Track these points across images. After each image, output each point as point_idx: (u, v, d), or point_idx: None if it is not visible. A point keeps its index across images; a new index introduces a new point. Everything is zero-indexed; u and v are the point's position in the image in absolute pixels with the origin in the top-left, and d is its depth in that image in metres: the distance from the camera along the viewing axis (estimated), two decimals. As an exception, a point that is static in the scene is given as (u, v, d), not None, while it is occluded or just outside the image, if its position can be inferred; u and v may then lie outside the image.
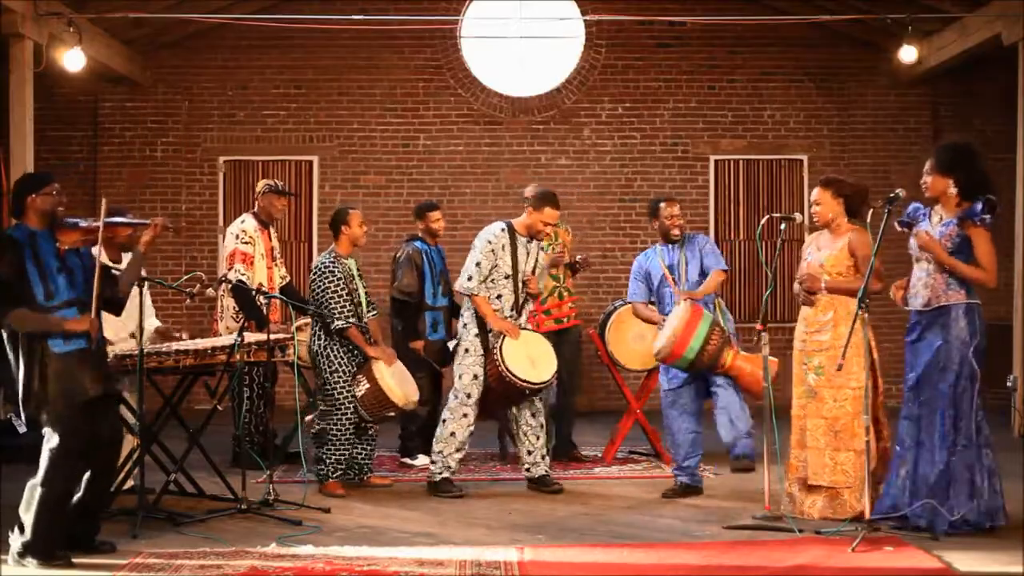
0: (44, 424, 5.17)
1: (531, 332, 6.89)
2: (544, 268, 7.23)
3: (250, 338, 6.35)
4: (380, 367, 6.78)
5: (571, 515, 6.26)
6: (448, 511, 6.38)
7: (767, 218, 6.48)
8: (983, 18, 9.56)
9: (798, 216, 6.52)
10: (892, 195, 5.59)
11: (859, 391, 5.74)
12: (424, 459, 7.66)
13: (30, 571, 5.09)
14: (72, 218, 5.33)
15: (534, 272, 6.94)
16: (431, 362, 7.75)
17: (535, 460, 6.90)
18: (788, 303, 11.09)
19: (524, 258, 6.86)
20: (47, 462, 5.14)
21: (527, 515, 6.27)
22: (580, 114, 11.68)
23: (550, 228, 6.93)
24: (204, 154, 11.58)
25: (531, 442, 6.89)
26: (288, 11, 11.08)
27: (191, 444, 6.40)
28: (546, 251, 7.42)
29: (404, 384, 6.89)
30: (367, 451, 7.07)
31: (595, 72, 11.67)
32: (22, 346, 5.11)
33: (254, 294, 7.23)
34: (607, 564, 5.21)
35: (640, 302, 7.40)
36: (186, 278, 7.13)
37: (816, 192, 6.10)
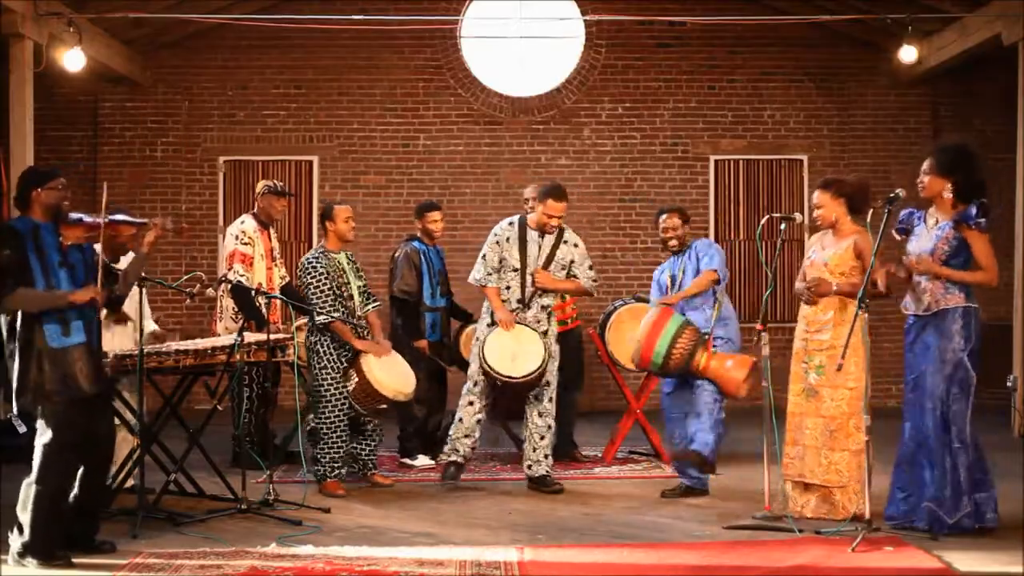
0: (38, 418, 5.17)
1: (527, 329, 6.89)
2: (567, 265, 7.06)
3: (250, 338, 6.36)
4: (368, 360, 6.78)
5: (571, 515, 6.26)
6: (448, 511, 6.38)
7: (767, 218, 6.48)
8: (983, 18, 9.56)
9: (798, 216, 6.52)
10: (892, 195, 5.59)
11: (856, 391, 5.76)
12: (424, 459, 7.67)
13: (30, 571, 5.09)
14: (75, 213, 5.33)
15: (547, 267, 6.93)
16: (437, 360, 7.75)
17: (537, 459, 6.92)
18: (788, 303, 11.10)
19: (535, 252, 6.92)
20: (40, 458, 5.14)
21: (527, 515, 6.27)
22: (580, 114, 11.68)
23: (556, 221, 6.92)
24: (204, 154, 11.58)
25: (535, 441, 6.93)
26: (288, 11, 11.08)
27: (191, 444, 6.40)
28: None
29: (395, 376, 6.87)
30: (371, 447, 7.07)
31: (595, 72, 11.67)
32: (19, 340, 5.10)
33: (253, 294, 7.23)
34: (607, 564, 5.21)
35: None
36: (186, 278, 7.13)
37: (817, 195, 6.08)
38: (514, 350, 6.79)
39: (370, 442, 7.06)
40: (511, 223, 7.03)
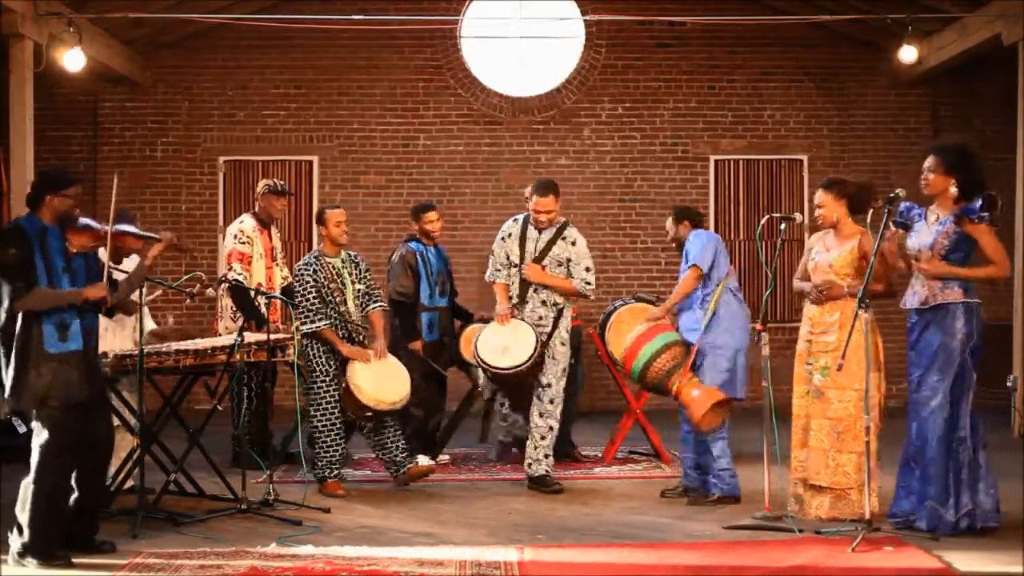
0: (33, 419, 5.17)
1: (523, 323, 6.90)
2: (563, 262, 7.05)
3: (250, 338, 6.36)
4: (354, 367, 6.77)
5: (571, 515, 6.26)
6: (448, 511, 6.38)
7: (767, 218, 6.48)
8: (983, 18, 9.56)
9: (798, 216, 6.52)
10: (892, 195, 5.59)
11: (862, 392, 5.74)
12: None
13: (30, 571, 5.09)
14: (84, 219, 5.32)
15: (539, 262, 6.94)
16: (431, 362, 7.74)
17: (538, 458, 6.93)
18: (788, 303, 11.11)
19: (532, 248, 6.97)
20: (37, 458, 5.15)
21: (527, 515, 6.27)
22: (580, 114, 11.68)
23: (544, 216, 6.93)
24: (204, 154, 11.58)
25: (536, 440, 6.94)
26: (288, 11, 11.08)
27: (191, 444, 6.40)
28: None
29: (379, 385, 6.78)
30: (397, 445, 6.93)
31: (595, 72, 11.67)
32: (16, 344, 5.09)
33: (253, 294, 7.21)
34: (607, 564, 5.21)
35: None
36: (186, 278, 7.12)
37: (819, 195, 6.08)
38: (506, 343, 6.83)
39: (392, 442, 6.94)
40: (516, 220, 7.13)
